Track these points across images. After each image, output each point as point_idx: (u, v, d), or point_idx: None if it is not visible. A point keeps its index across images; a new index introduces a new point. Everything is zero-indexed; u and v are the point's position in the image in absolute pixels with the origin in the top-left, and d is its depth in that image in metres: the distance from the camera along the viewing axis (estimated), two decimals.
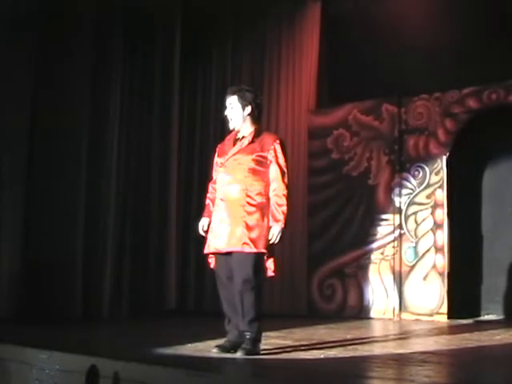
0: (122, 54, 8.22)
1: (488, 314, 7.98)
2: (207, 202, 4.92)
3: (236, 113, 4.75)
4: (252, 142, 4.71)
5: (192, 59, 9.32)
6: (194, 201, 8.73)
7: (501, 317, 7.83)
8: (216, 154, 4.91)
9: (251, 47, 9.37)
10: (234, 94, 4.77)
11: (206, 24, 9.39)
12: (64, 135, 7.69)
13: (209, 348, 4.75)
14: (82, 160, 7.79)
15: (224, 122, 4.88)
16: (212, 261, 4.80)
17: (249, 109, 4.74)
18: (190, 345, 5.11)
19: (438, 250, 7.89)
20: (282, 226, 4.62)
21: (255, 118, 4.79)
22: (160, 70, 8.72)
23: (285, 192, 4.66)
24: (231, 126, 4.78)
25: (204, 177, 5.08)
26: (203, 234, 4.82)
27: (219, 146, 4.95)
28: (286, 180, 4.69)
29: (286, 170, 4.71)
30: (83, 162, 7.79)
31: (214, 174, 4.91)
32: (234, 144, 4.76)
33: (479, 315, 7.95)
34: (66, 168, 7.70)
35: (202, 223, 4.84)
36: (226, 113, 4.79)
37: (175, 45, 8.85)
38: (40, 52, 7.63)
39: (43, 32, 7.63)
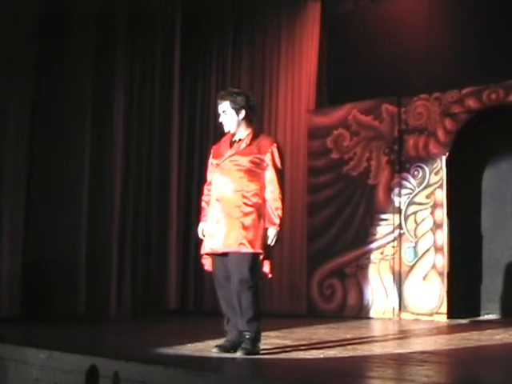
0: (121, 54, 8.23)
1: (487, 313, 7.98)
2: (203, 204, 4.92)
3: (230, 118, 4.73)
4: (249, 144, 4.72)
5: (192, 59, 9.33)
6: (194, 202, 8.73)
7: (500, 316, 7.83)
8: (211, 155, 4.91)
9: (251, 47, 9.38)
10: (225, 99, 4.73)
11: (206, 24, 9.41)
12: (65, 135, 7.71)
13: (209, 348, 4.76)
14: (84, 161, 7.80)
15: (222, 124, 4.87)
16: (206, 262, 4.82)
17: (243, 113, 4.73)
18: (189, 345, 5.11)
19: (438, 249, 7.90)
20: (278, 228, 4.65)
21: (250, 120, 4.79)
22: (160, 70, 8.73)
23: (280, 195, 4.67)
24: (225, 130, 4.79)
25: (204, 178, 5.07)
26: (203, 238, 4.84)
27: (214, 147, 4.96)
28: (282, 183, 4.71)
29: (282, 173, 4.73)
30: (85, 163, 7.80)
31: (209, 176, 4.91)
32: (231, 146, 4.76)
33: (479, 315, 7.96)
34: (68, 168, 7.72)
35: (201, 227, 4.85)
36: (221, 119, 4.77)
37: (175, 45, 8.86)
38: (40, 53, 7.63)
39: (44, 31, 7.64)
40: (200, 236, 4.87)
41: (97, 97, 7.96)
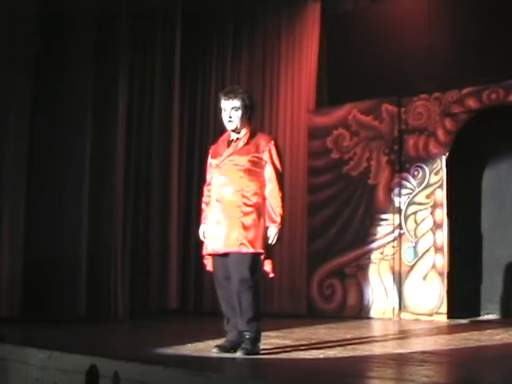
0: (122, 54, 8.23)
1: (487, 313, 7.98)
2: (203, 206, 4.92)
3: (239, 115, 4.71)
4: (247, 143, 4.72)
5: (192, 59, 9.34)
6: (195, 202, 8.73)
7: (500, 316, 7.83)
8: (209, 156, 4.90)
9: (251, 47, 9.38)
10: (238, 96, 4.71)
11: (206, 24, 9.42)
12: (65, 135, 7.71)
13: (209, 348, 4.76)
14: (84, 161, 7.80)
15: (223, 123, 4.85)
16: (208, 262, 4.82)
17: (249, 112, 4.75)
18: (189, 345, 5.11)
19: (438, 249, 7.89)
20: (279, 227, 4.64)
21: (250, 120, 4.81)
22: (160, 70, 8.73)
23: (280, 193, 4.67)
24: (231, 127, 4.75)
25: (204, 178, 5.07)
26: (204, 239, 4.84)
27: (212, 147, 4.95)
28: (281, 181, 4.71)
29: (281, 170, 4.73)
30: (85, 163, 7.80)
31: (208, 176, 4.91)
32: (229, 145, 4.76)
33: (479, 315, 7.96)
34: (68, 168, 7.72)
35: (202, 229, 4.86)
36: (230, 115, 4.70)
37: (175, 45, 8.86)
38: (40, 53, 7.63)
39: (44, 31, 7.64)
40: (201, 238, 4.88)
41: (97, 97, 7.96)
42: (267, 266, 4.70)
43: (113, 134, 8.09)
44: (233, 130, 4.76)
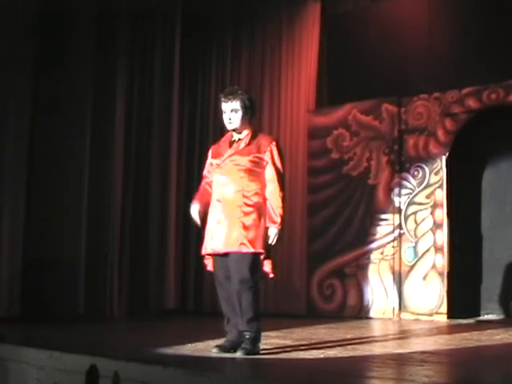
0: (121, 54, 8.23)
1: (487, 313, 7.98)
2: (201, 188, 4.85)
3: (239, 117, 4.71)
4: (249, 143, 4.72)
5: (192, 59, 9.34)
6: None
7: (500, 316, 7.83)
8: (210, 155, 4.90)
9: (251, 47, 9.38)
10: (237, 98, 4.72)
11: (206, 24, 9.42)
12: (65, 135, 7.72)
13: (209, 348, 4.76)
14: (84, 161, 7.81)
15: (222, 123, 4.85)
16: (208, 262, 4.82)
17: (249, 112, 4.76)
18: (189, 345, 5.11)
19: (438, 249, 7.89)
20: (279, 227, 4.64)
21: (251, 120, 4.81)
22: (160, 70, 8.73)
23: (281, 193, 4.67)
24: (231, 127, 4.76)
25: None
26: (196, 218, 4.75)
27: (213, 147, 4.95)
28: (282, 181, 4.71)
29: (282, 171, 4.73)
30: (85, 163, 7.81)
31: (207, 175, 4.90)
32: (230, 146, 4.76)
33: (479, 315, 7.96)
34: (68, 168, 7.73)
35: (195, 209, 4.74)
36: (229, 117, 4.72)
37: (175, 45, 8.86)
38: (40, 53, 7.64)
39: (44, 31, 7.65)
40: (192, 216, 4.76)
41: (97, 97, 7.97)
42: (267, 266, 4.70)
43: (113, 134, 8.09)
44: (234, 131, 4.77)
